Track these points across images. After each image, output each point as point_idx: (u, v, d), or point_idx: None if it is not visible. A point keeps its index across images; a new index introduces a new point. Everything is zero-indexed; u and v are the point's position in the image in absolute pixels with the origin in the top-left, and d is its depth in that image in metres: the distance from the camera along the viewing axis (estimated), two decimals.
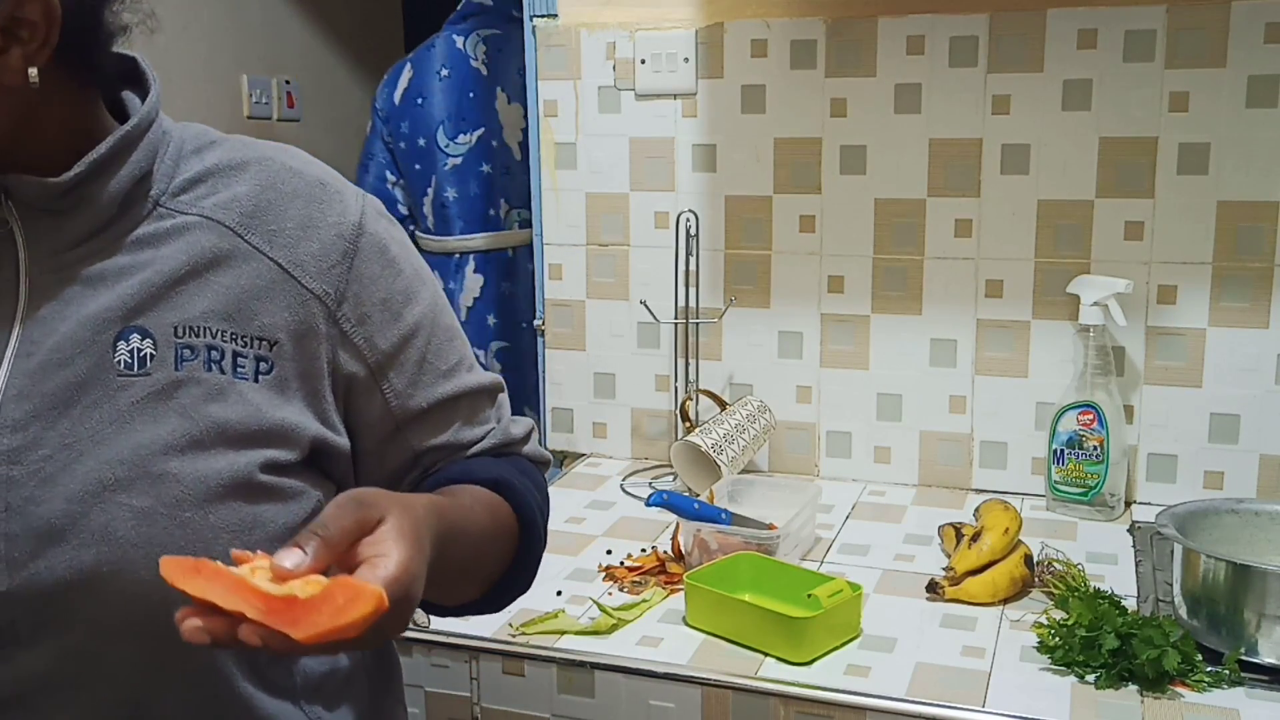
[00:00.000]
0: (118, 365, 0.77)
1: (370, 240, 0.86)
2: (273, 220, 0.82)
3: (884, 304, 1.76)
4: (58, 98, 0.78)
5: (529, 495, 0.92)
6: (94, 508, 0.74)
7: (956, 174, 1.69)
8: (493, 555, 0.89)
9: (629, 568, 1.46)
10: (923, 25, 1.68)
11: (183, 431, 0.76)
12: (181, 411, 0.77)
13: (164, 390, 0.77)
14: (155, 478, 0.75)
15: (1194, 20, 1.56)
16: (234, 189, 0.82)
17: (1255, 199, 1.57)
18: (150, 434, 0.76)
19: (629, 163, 1.85)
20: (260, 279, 0.81)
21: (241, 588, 0.63)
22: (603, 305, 1.91)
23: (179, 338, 0.78)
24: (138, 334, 0.77)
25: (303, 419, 0.82)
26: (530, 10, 1.87)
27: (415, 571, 0.68)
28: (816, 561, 1.49)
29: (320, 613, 0.62)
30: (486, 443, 0.94)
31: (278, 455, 0.80)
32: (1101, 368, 1.62)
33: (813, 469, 1.84)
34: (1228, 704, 1.12)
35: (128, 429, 0.76)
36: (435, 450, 0.91)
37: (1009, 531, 1.39)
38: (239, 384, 0.79)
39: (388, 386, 0.87)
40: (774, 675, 1.20)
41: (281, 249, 0.82)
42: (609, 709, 1.24)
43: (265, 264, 0.81)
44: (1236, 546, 1.29)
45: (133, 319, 0.78)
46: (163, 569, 0.65)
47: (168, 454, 0.76)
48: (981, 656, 1.23)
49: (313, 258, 0.83)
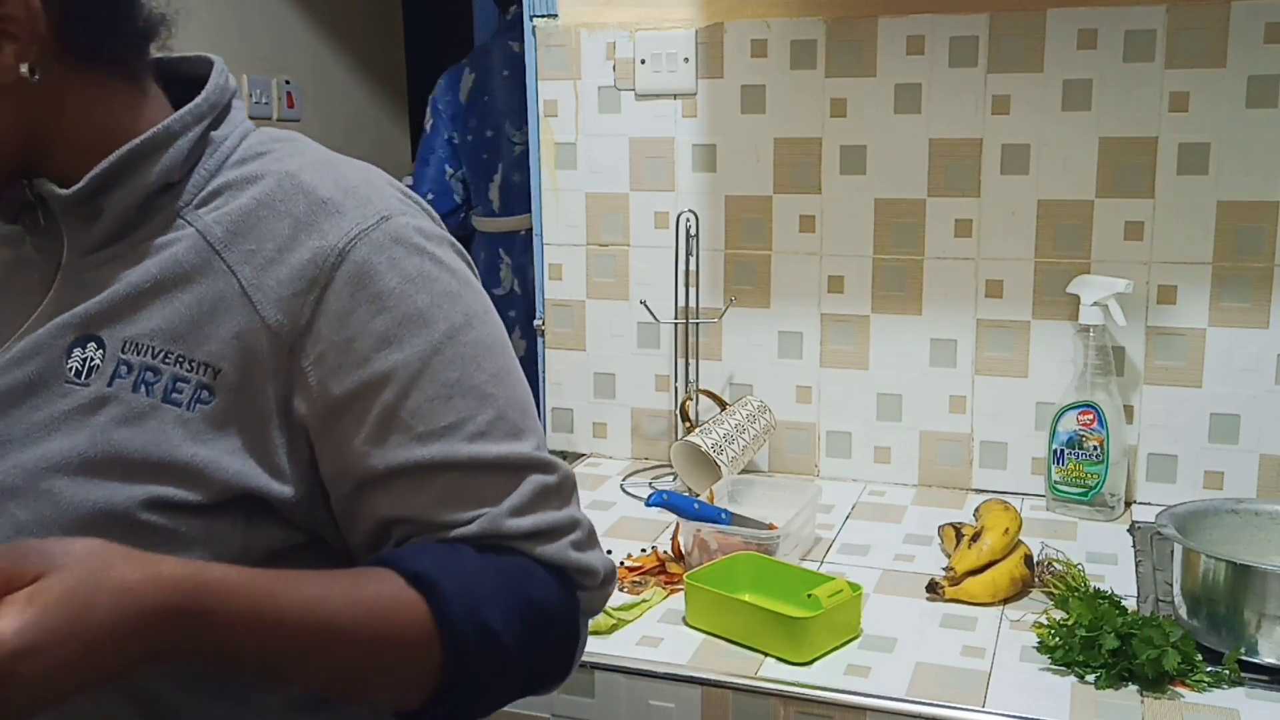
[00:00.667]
0: (68, 372, 0.75)
1: (352, 270, 0.76)
2: (254, 239, 0.76)
3: (884, 304, 1.76)
4: (75, 98, 0.77)
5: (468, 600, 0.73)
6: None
7: (956, 174, 1.69)
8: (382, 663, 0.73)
9: (629, 568, 1.46)
10: (923, 25, 1.68)
11: (80, 451, 0.73)
12: (90, 430, 0.73)
13: (90, 405, 0.74)
14: (40, 493, 0.72)
15: (1194, 20, 1.56)
16: (236, 202, 0.78)
17: (1255, 199, 1.57)
18: (57, 447, 0.73)
19: (629, 163, 1.85)
20: (220, 301, 0.75)
21: None
22: (603, 305, 1.91)
23: (124, 353, 0.75)
24: (94, 343, 0.75)
25: (231, 460, 0.75)
26: (530, 10, 1.87)
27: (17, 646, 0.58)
28: (816, 561, 1.49)
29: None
30: (472, 529, 0.77)
31: (172, 494, 0.73)
32: (1101, 368, 1.62)
33: (813, 469, 1.84)
34: (1228, 704, 1.12)
35: (48, 439, 0.73)
36: (404, 523, 0.78)
37: (1009, 531, 1.39)
38: (165, 410, 0.74)
39: (343, 440, 0.76)
40: (774, 675, 1.20)
41: (251, 271, 0.76)
42: (609, 709, 1.24)
43: (231, 285, 0.76)
44: (1236, 546, 1.29)
45: (91, 328, 0.75)
46: None
47: (59, 471, 0.72)
48: (981, 656, 1.23)
49: (278, 284, 0.75)
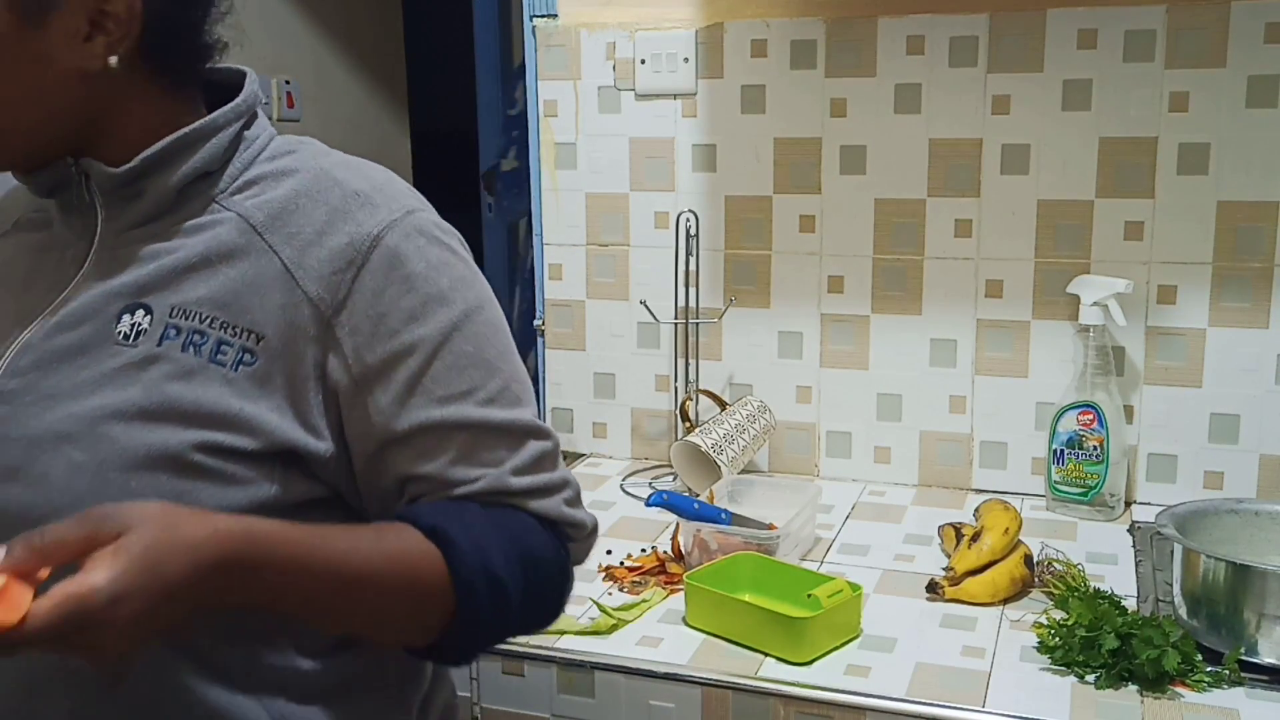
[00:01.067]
0: (117, 336, 0.83)
1: (383, 254, 0.85)
2: (294, 224, 0.86)
3: (884, 304, 1.76)
4: (139, 96, 0.86)
5: (479, 553, 0.83)
6: (44, 454, 0.80)
7: (956, 174, 1.69)
8: (402, 607, 0.83)
9: (629, 568, 1.46)
10: (923, 25, 1.68)
11: (135, 401, 0.81)
12: (145, 384, 0.82)
13: (140, 363, 0.82)
14: (98, 437, 0.80)
15: (1194, 20, 1.56)
16: (275, 192, 0.88)
17: (1255, 199, 1.57)
18: (110, 399, 0.81)
19: (629, 163, 1.85)
20: (263, 276, 0.85)
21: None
22: (603, 305, 1.91)
23: (171, 318, 0.84)
24: (142, 310, 0.84)
25: (273, 416, 0.83)
26: (530, 10, 1.87)
27: (110, 594, 0.66)
28: (816, 561, 1.49)
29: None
30: (477, 486, 0.86)
31: (224, 440, 0.82)
32: (1101, 368, 1.62)
33: (813, 469, 1.84)
34: (1228, 704, 1.12)
35: (98, 391, 0.82)
36: (420, 480, 0.87)
37: (1009, 531, 1.39)
38: (212, 368, 0.82)
39: (372, 402, 0.85)
40: (774, 675, 1.20)
41: (293, 251, 0.85)
42: (609, 709, 1.24)
43: (273, 263, 0.85)
44: (1236, 546, 1.29)
45: (140, 296, 0.84)
46: None
47: (115, 419, 0.80)
48: (981, 656, 1.23)
49: (318, 263, 0.85)
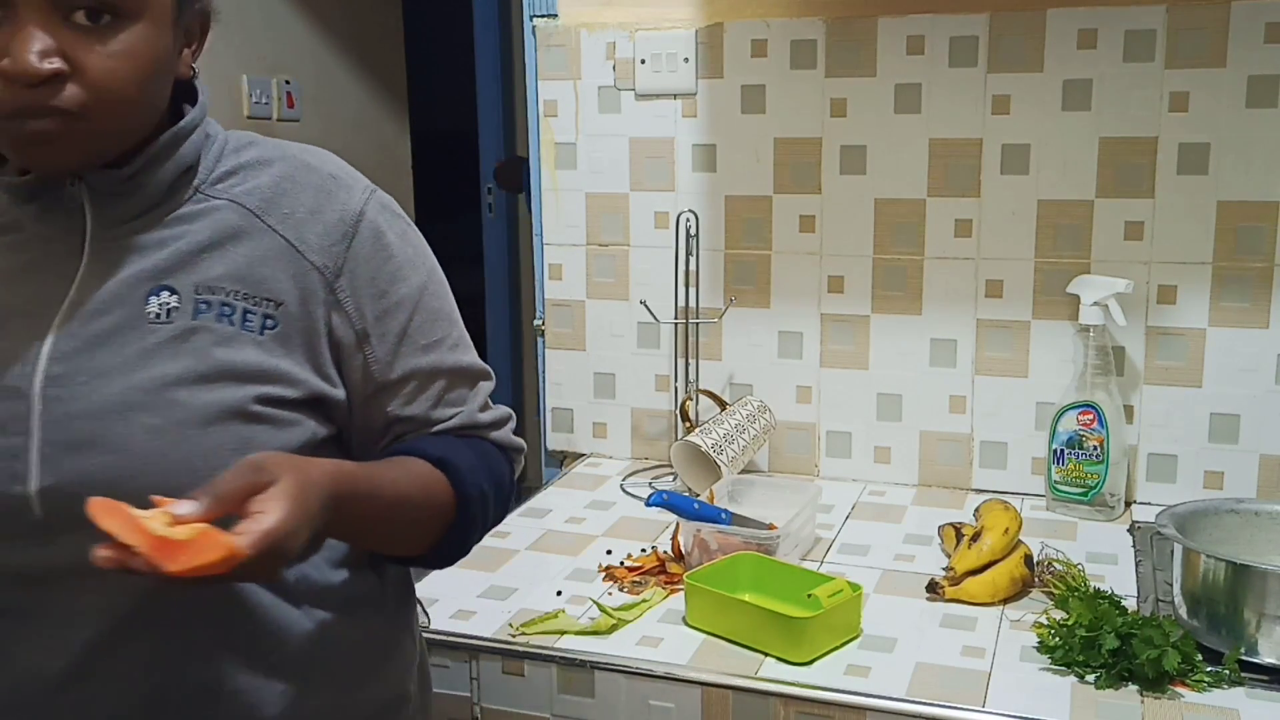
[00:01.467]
0: (149, 316, 0.91)
1: (368, 227, 1.00)
2: (287, 206, 0.97)
3: (884, 304, 1.76)
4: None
5: (473, 475, 1.02)
6: (117, 423, 0.88)
7: (956, 174, 1.69)
8: (423, 521, 1.00)
9: (629, 568, 1.46)
10: (923, 25, 1.68)
11: (191, 368, 0.91)
12: (193, 353, 0.91)
13: (181, 335, 0.91)
14: (167, 403, 0.89)
15: (1194, 20, 1.56)
16: (259, 179, 0.98)
17: (1255, 199, 1.57)
18: (167, 369, 0.90)
19: (629, 163, 1.85)
20: (270, 252, 0.95)
21: (136, 527, 0.77)
22: (603, 305, 1.91)
23: (198, 294, 0.93)
24: (166, 291, 0.92)
25: (299, 369, 0.96)
26: (530, 10, 1.87)
27: (289, 529, 0.80)
28: (816, 561, 1.49)
29: (187, 553, 0.77)
30: (452, 423, 1.04)
31: (275, 391, 0.93)
32: (1101, 368, 1.62)
33: (813, 469, 1.84)
34: (1228, 704, 1.12)
35: (149, 364, 0.90)
36: (405, 421, 1.02)
37: (1009, 531, 1.39)
38: (244, 334, 0.93)
39: (370, 352, 0.99)
40: (774, 675, 1.20)
41: (291, 229, 0.96)
42: (609, 709, 1.24)
43: (277, 240, 0.96)
44: (1236, 546, 1.29)
45: (162, 279, 0.92)
46: (90, 507, 0.78)
47: (178, 385, 0.90)
48: (981, 656, 1.23)
49: (317, 237, 0.97)
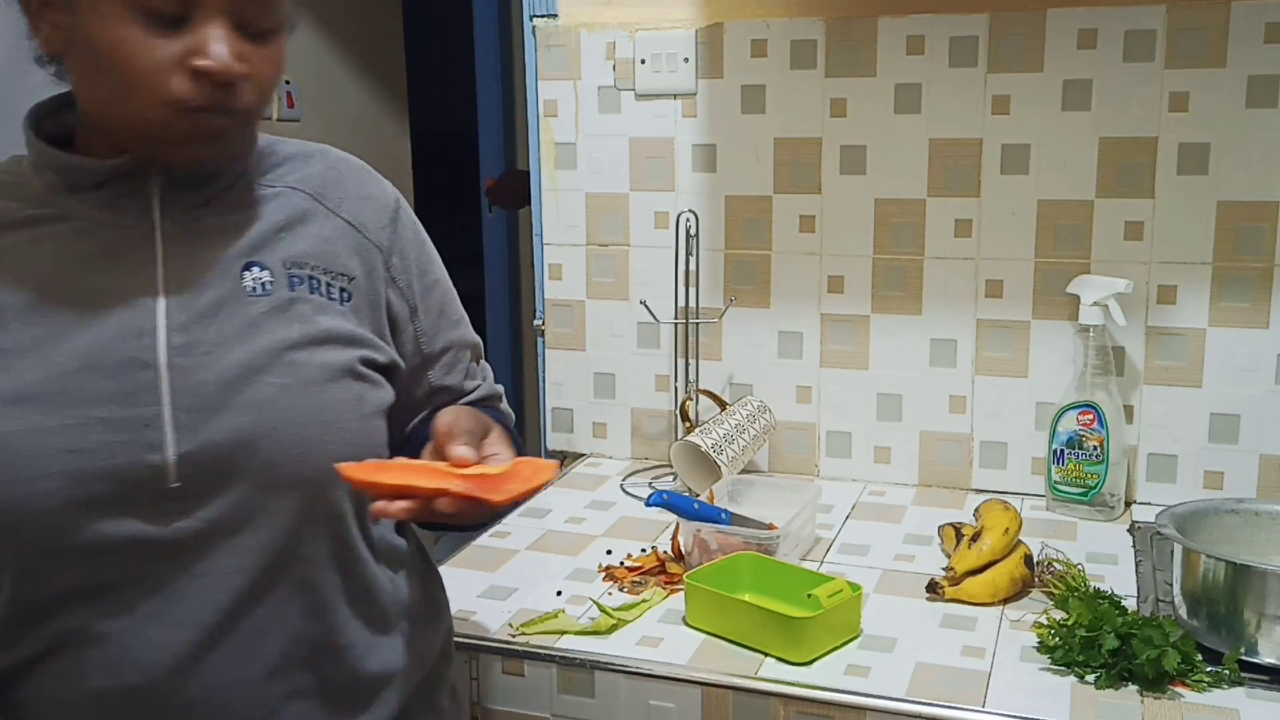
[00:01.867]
0: (246, 290, 0.99)
1: (405, 213, 1.13)
2: (339, 192, 1.08)
3: (884, 304, 1.76)
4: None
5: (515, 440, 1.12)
6: (246, 386, 0.95)
7: (956, 174, 1.69)
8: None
9: (629, 568, 1.46)
10: (923, 25, 1.68)
11: (303, 332, 0.99)
12: (299, 319, 1.00)
13: (281, 305, 0.99)
14: (289, 364, 0.97)
15: (1194, 20, 1.56)
16: (308, 169, 1.08)
17: (1255, 199, 1.57)
18: (280, 334, 0.98)
19: (629, 163, 1.85)
20: (336, 232, 1.06)
21: (441, 473, 0.92)
22: (603, 305, 1.91)
23: (289, 269, 1.01)
24: (257, 267, 1.00)
25: (375, 338, 1.06)
26: (530, 10, 1.87)
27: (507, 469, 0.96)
28: (816, 561, 1.49)
29: (512, 481, 0.92)
30: (478, 394, 1.19)
31: (369, 355, 1.04)
32: (1101, 368, 1.62)
33: (813, 469, 1.84)
34: (1228, 704, 1.12)
35: (263, 331, 0.98)
36: (444, 390, 1.15)
37: (1009, 531, 1.39)
38: (332, 305, 1.03)
39: (418, 324, 1.11)
40: (774, 675, 1.20)
41: (349, 211, 1.07)
42: (609, 709, 1.24)
43: (339, 222, 1.06)
44: (1236, 546, 1.29)
45: (252, 256, 1.00)
46: (345, 473, 0.91)
47: (295, 348, 0.98)
48: (981, 656, 1.23)
49: (371, 219, 1.09)
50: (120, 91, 0.92)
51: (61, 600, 0.93)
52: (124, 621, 0.93)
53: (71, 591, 0.93)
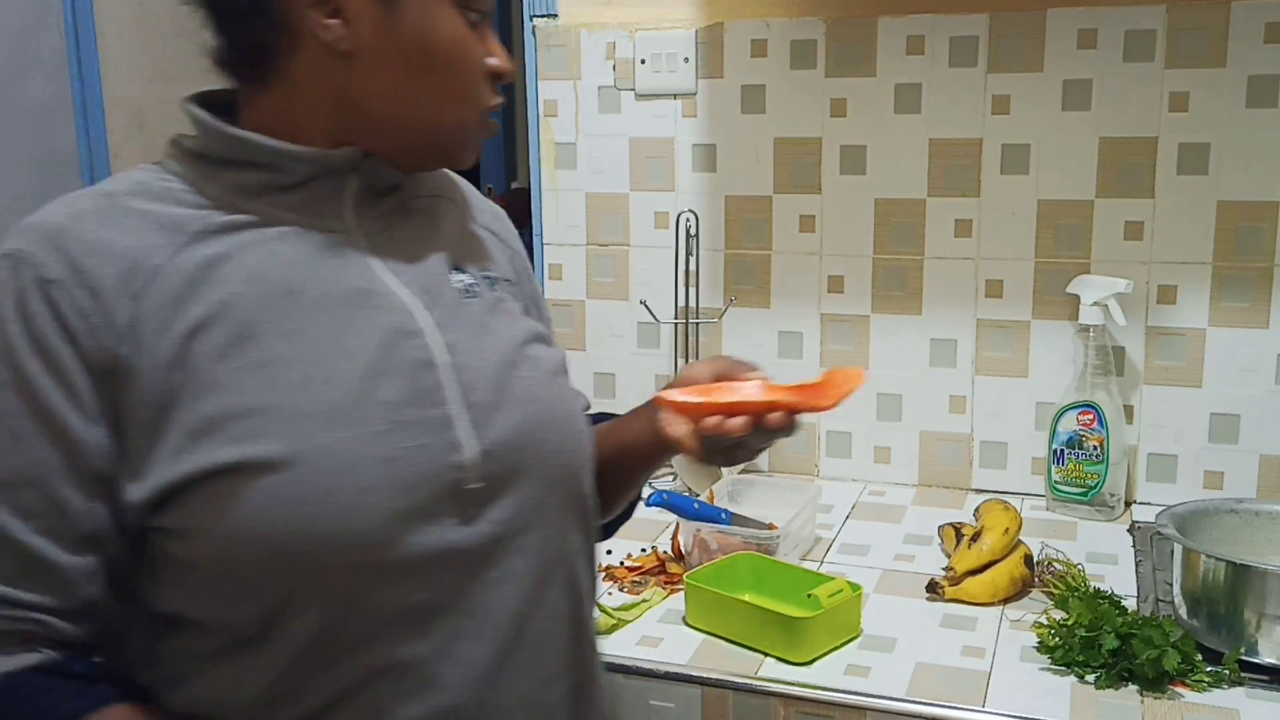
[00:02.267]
0: (460, 293, 0.96)
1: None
2: (467, 199, 1.06)
3: (884, 304, 1.76)
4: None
5: None
6: (514, 380, 0.93)
7: (956, 174, 1.69)
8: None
9: (629, 568, 1.46)
10: (923, 25, 1.68)
11: (527, 329, 0.99)
12: (515, 319, 0.99)
13: (493, 306, 0.97)
14: (527, 358, 0.96)
15: (1194, 20, 1.56)
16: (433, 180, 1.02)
17: (1255, 199, 1.57)
18: (510, 332, 0.97)
19: (629, 163, 1.85)
20: (487, 239, 1.05)
21: (763, 389, 0.96)
22: (603, 305, 1.91)
23: (483, 273, 1.00)
24: (458, 272, 0.97)
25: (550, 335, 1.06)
26: (530, 10, 1.87)
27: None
28: (816, 561, 1.49)
29: (831, 388, 0.96)
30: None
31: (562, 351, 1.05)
32: (1101, 368, 1.62)
33: (813, 469, 1.84)
34: (1228, 704, 1.12)
35: (498, 329, 0.96)
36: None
37: (1009, 531, 1.39)
38: (518, 306, 1.02)
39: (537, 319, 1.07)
40: (774, 675, 1.20)
41: (484, 219, 1.06)
42: None
43: (483, 229, 1.05)
44: (1236, 546, 1.29)
45: (453, 262, 0.97)
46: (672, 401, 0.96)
47: (527, 344, 0.97)
48: (981, 656, 1.23)
49: (495, 224, 1.08)
50: (442, 92, 0.88)
51: (370, 630, 0.84)
52: (431, 643, 0.86)
53: (381, 618, 0.84)
